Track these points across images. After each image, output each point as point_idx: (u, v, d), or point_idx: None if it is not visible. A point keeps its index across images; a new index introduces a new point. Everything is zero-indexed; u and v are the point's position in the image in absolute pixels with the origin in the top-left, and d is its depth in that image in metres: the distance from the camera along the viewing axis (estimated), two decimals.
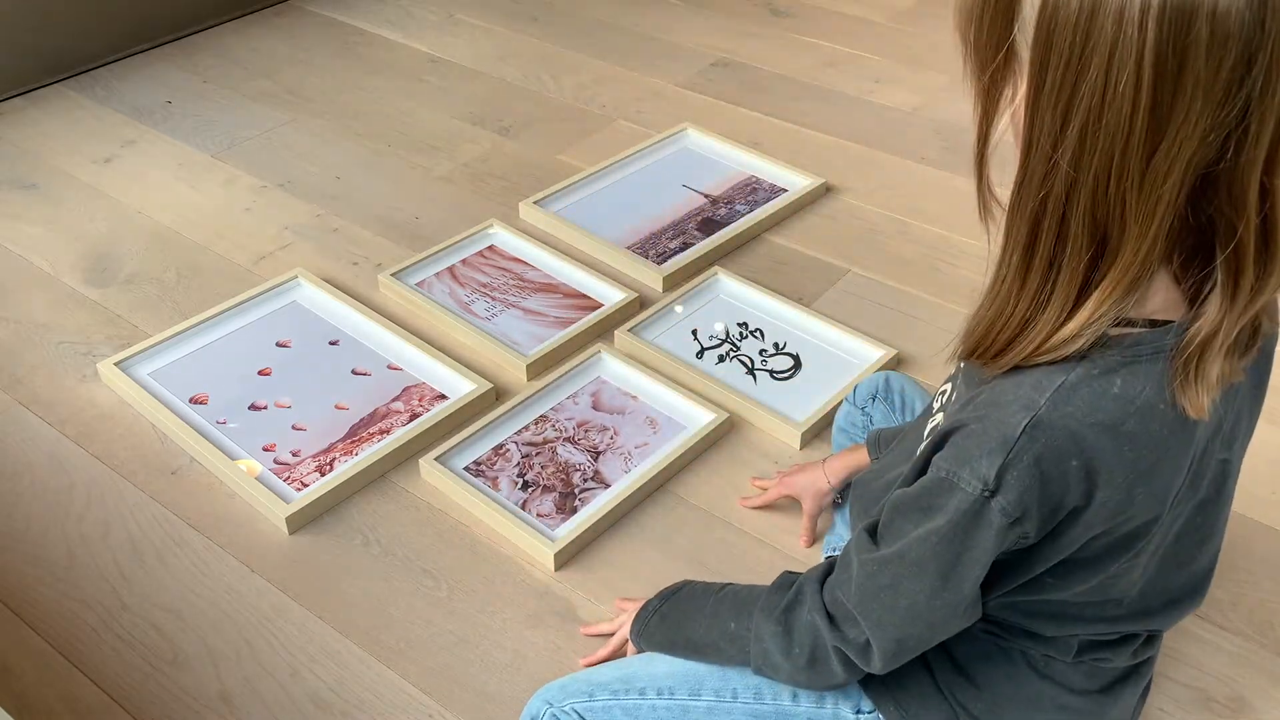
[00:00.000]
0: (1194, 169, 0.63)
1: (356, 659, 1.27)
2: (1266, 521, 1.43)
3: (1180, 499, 0.79)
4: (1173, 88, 0.61)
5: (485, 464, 1.49)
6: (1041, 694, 0.94)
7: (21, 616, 1.32)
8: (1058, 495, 0.72)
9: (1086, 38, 0.62)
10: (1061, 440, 0.71)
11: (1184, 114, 0.61)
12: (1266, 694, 1.24)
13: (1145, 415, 0.71)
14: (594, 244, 1.88)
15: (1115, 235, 0.67)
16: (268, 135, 2.22)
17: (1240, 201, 0.65)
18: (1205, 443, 0.78)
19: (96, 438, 1.54)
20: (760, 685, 0.99)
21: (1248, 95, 0.61)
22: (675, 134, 2.16)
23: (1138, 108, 0.62)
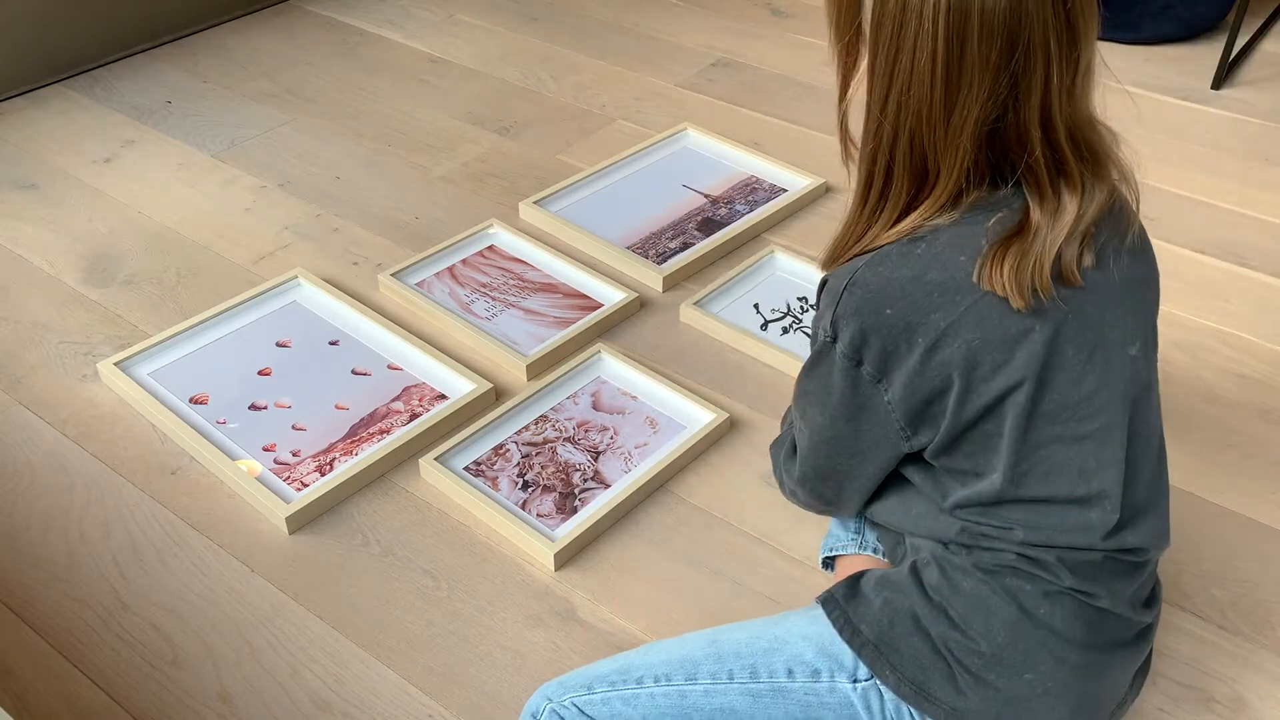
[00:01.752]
0: (982, 124, 0.85)
1: (356, 659, 1.27)
2: (1266, 521, 1.43)
3: (1060, 375, 0.90)
4: (958, 67, 0.83)
5: (485, 464, 1.49)
6: (1039, 645, 0.95)
7: (21, 616, 1.32)
8: (885, 340, 0.91)
9: (900, 28, 0.84)
10: (874, 291, 0.90)
11: (968, 86, 0.83)
12: (1266, 694, 1.24)
13: (947, 265, 0.88)
14: (594, 244, 1.87)
15: (930, 174, 0.88)
16: (268, 135, 2.22)
17: (1023, 144, 0.86)
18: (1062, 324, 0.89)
19: (96, 438, 1.55)
20: (755, 665, 1.00)
21: (1015, 71, 0.83)
22: (675, 134, 2.16)
23: (935, 81, 0.84)
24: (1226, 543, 1.40)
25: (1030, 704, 0.96)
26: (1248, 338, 1.72)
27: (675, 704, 1.01)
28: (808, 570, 1.35)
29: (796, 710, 1.00)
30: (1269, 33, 2.63)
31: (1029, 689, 0.95)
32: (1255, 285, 1.83)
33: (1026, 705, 0.96)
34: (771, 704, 1.00)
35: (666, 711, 1.01)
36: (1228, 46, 2.36)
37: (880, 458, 1.00)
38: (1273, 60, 2.52)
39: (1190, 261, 1.88)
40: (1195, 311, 1.77)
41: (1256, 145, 2.19)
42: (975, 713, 0.96)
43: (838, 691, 0.99)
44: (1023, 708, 0.96)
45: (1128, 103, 2.34)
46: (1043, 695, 0.96)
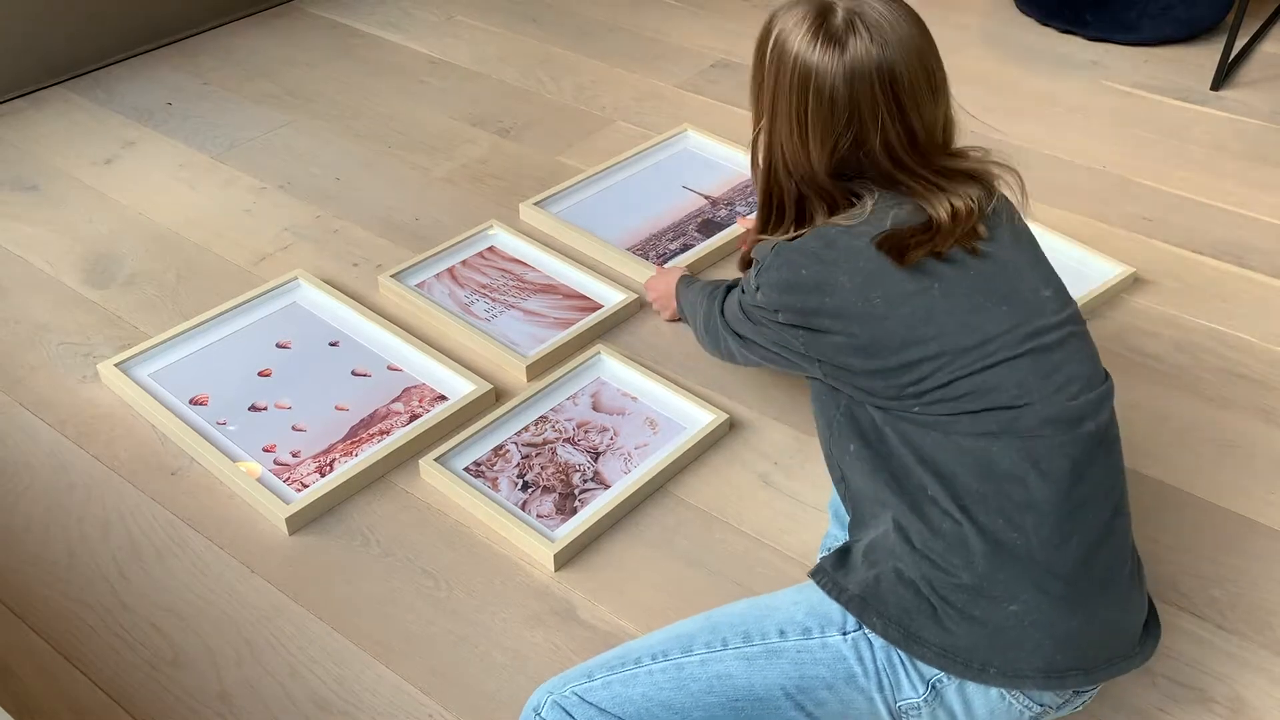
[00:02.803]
0: (841, 166, 1.09)
1: (356, 659, 1.27)
2: (1266, 521, 1.43)
3: (977, 316, 1.03)
4: (806, 124, 1.08)
5: (485, 465, 1.49)
6: (1021, 574, 0.99)
7: (21, 616, 1.32)
8: (801, 295, 1.08)
9: (774, 99, 1.11)
10: (795, 254, 1.09)
11: (816, 138, 1.08)
12: (1266, 694, 1.24)
13: (854, 238, 1.06)
14: (594, 245, 1.87)
15: (807, 204, 1.13)
16: (268, 136, 2.22)
17: (884, 177, 1.09)
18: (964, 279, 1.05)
19: (97, 438, 1.55)
20: (748, 630, 1.05)
21: (856, 125, 1.07)
22: (675, 135, 2.15)
23: (791, 134, 1.10)
24: (1227, 543, 1.40)
25: (1016, 636, 0.99)
26: (1248, 338, 1.72)
27: (673, 677, 1.03)
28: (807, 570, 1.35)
29: (790, 668, 1.03)
30: (1268, 34, 2.63)
31: (1015, 620, 0.99)
32: (1255, 285, 1.83)
33: (1013, 638, 0.99)
34: (766, 665, 1.03)
35: (665, 685, 1.03)
36: (1227, 47, 2.36)
37: (787, 368, 1.21)
38: (1272, 61, 2.52)
39: (1190, 261, 1.88)
40: (1195, 312, 1.77)
41: (1256, 146, 2.19)
42: (963, 649, 0.99)
43: (829, 646, 1.03)
44: (1009, 640, 0.99)
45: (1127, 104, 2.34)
46: (1028, 628, 0.99)
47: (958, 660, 0.99)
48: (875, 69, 1.04)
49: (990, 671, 0.99)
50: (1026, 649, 0.99)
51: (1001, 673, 0.99)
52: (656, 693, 1.03)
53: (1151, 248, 1.91)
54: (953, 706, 1.02)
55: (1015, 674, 0.99)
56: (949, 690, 1.01)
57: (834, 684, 1.02)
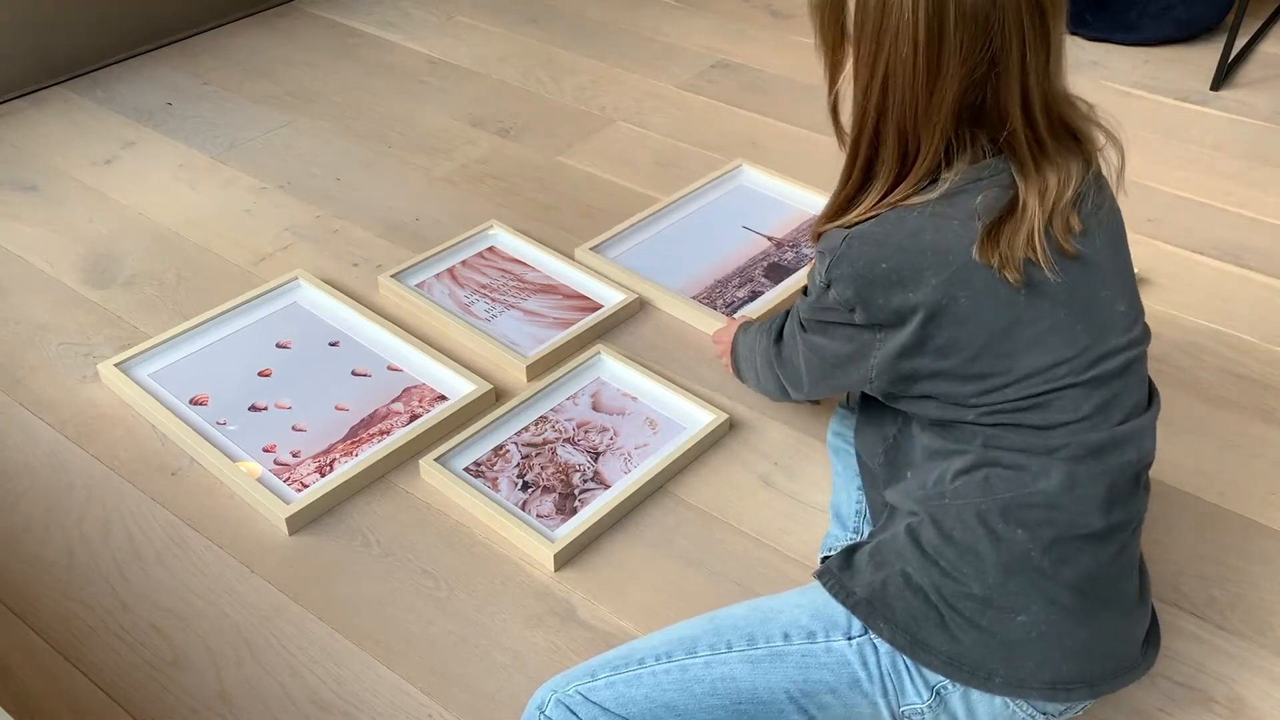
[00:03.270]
0: (960, 105, 0.93)
1: (356, 659, 1.27)
2: (1266, 521, 1.43)
3: (1053, 336, 0.97)
4: (937, 52, 0.91)
5: (485, 465, 1.49)
6: (1029, 585, 0.98)
7: (21, 617, 1.32)
8: (878, 290, 0.98)
9: (881, 20, 0.92)
10: (871, 246, 0.98)
11: (946, 69, 0.91)
12: (1266, 694, 1.24)
13: (941, 229, 0.95)
14: (657, 294, 1.76)
15: (911, 153, 0.96)
16: (268, 136, 2.22)
17: (1002, 123, 0.94)
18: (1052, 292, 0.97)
19: (97, 438, 1.55)
20: (753, 633, 1.04)
21: (993, 55, 0.90)
22: (730, 171, 2.05)
23: (916, 67, 0.92)
24: (1227, 544, 1.40)
25: (1025, 648, 0.98)
26: (1248, 338, 1.72)
27: (677, 679, 1.03)
28: (807, 570, 1.35)
29: (794, 672, 1.02)
30: (1268, 34, 2.63)
31: (1023, 631, 0.98)
32: (1255, 286, 1.83)
33: (1022, 649, 0.98)
34: (770, 668, 1.02)
35: (669, 687, 1.03)
36: (1227, 47, 2.36)
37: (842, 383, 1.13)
38: (1272, 61, 2.52)
39: (1190, 262, 1.88)
40: (1195, 312, 1.77)
41: (1256, 146, 2.19)
42: (971, 659, 0.98)
43: (834, 651, 1.02)
44: (1018, 652, 0.98)
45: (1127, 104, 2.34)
46: (1037, 639, 0.98)
47: (964, 669, 0.98)
48: None
49: (996, 681, 0.98)
50: (1034, 660, 0.98)
51: (1007, 682, 0.98)
52: (660, 694, 1.03)
53: (1151, 248, 1.91)
54: (956, 712, 1.01)
55: (1021, 684, 0.99)
56: (953, 697, 1.00)
57: (838, 688, 1.02)
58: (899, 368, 1.02)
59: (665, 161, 2.15)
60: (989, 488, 0.99)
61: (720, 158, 2.16)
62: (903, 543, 1.03)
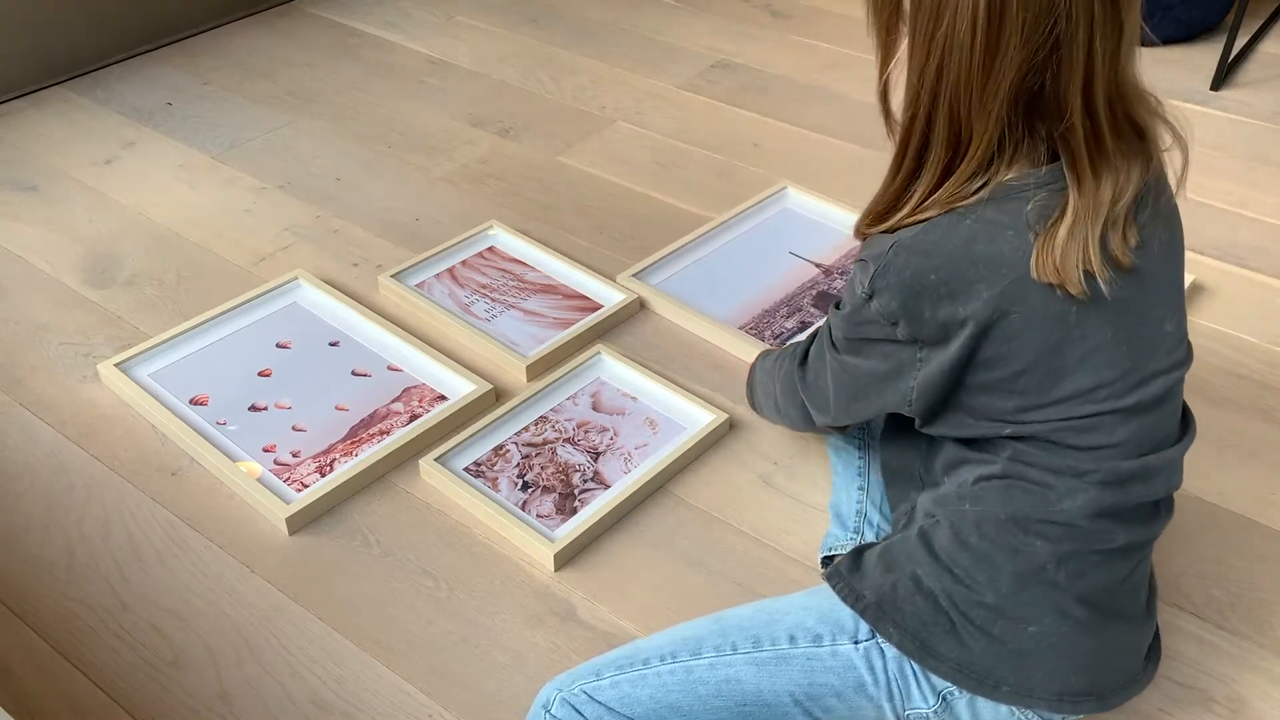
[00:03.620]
0: (1018, 91, 0.85)
1: (356, 659, 1.27)
2: (1266, 521, 1.43)
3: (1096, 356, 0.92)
4: (997, 31, 0.83)
5: (485, 465, 1.49)
6: (1043, 598, 0.97)
7: (21, 617, 1.32)
8: (925, 302, 0.92)
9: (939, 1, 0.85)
10: (919, 255, 0.91)
11: (1006, 50, 0.83)
12: (1266, 694, 1.24)
13: (994, 238, 0.89)
14: (702, 324, 1.70)
15: (964, 141, 0.89)
16: (268, 137, 2.22)
17: (1060, 114, 0.86)
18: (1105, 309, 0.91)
19: (97, 438, 1.55)
20: (758, 635, 1.03)
21: (1057, 36, 0.82)
22: (774, 194, 1.97)
23: (974, 47, 0.84)
24: (1227, 543, 1.40)
25: (1035, 658, 0.97)
26: (1248, 338, 1.72)
27: (681, 680, 1.02)
28: (808, 570, 1.35)
29: (800, 675, 1.01)
30: (1268, 34, 2.63)
31: (1034, 642, 0.97)
32: (1255, 285, 1.83)
33: (1031, 659, 0.97)
34: (775, 671, 1.01)
35: (673, 688, 1.02)
36: (1227, 47, 2.36)
37: (877, 405, 1.06)
38: (1272, 61, 2.52)
39: (1190, 262, 1.88)
40: (1195, 312, 1.77)
41: (1256, 146, 2.19)
42: (980, 666, 0.97)
43: (840, 654, 1.01)
44: (1027, 662, 0.97)
45: None
46: (1047, 650, 0.97)
47: (972, 676, 0.98)
48: None
49: (1003, 690, 0.98)
50: (1043, 670, 0.98)
51: (1015, 691, 0.98)
52: (664, 695, 1.02)
53: None
54: (961, 718, 1.01)
55: (1028, 694, 0.98)
56: (959, 703, 1.00)
57: (843, 692, 1.01)
58: (942, 387, 0.97)
59: (665, 161, 2.15)
60: (1011, 500, 0.97)
61: (720, 158, 2.16)
62: (914, 546, 1.01)
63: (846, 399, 1.09)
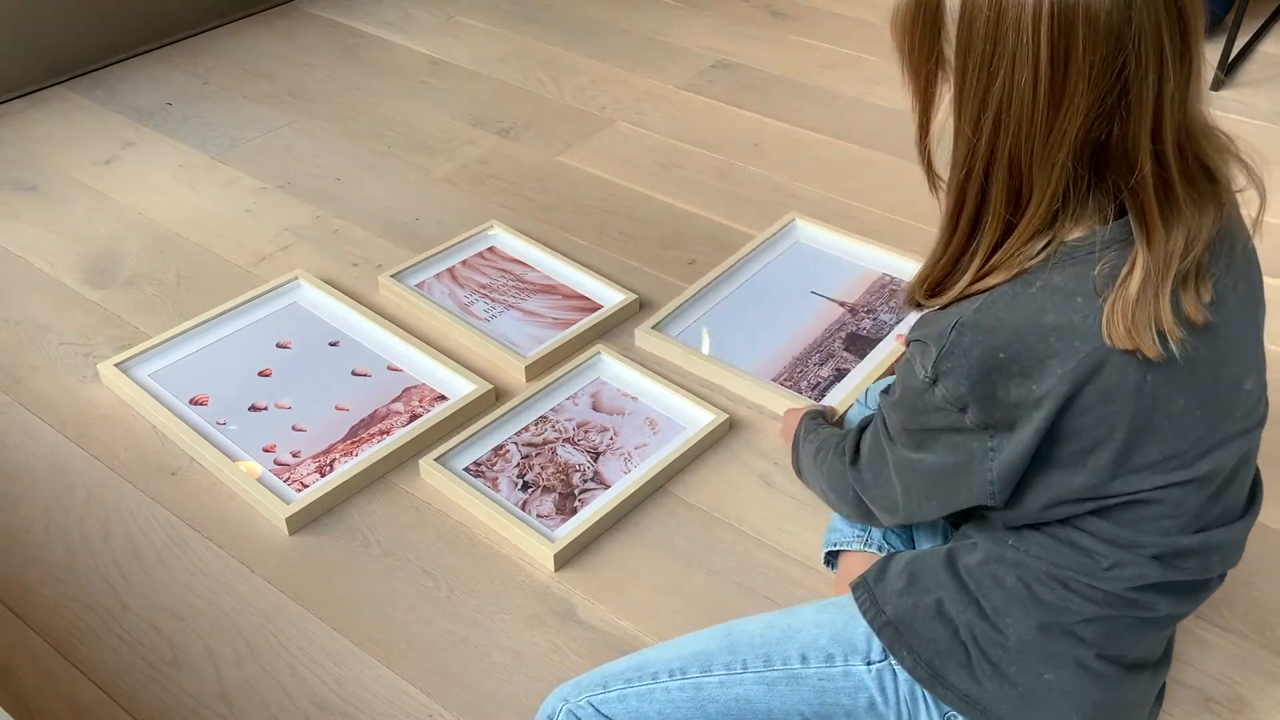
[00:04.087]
0: (1083, 141, 0.79)
1: (356, 659, 1.27)
2: (1266, 521, 1.43)
3: (1167, 424, 0.85)
4: (1062, 78, 0.76)
5: (485, 465, 1.49)
6: (1064, 651, 0.94)
7: (21, 617, 1.32)
8: (997, 384, 0.84)
9: (994, 45, 0.77)
10: (986, 333, 0.84)
11: (1071, 98, 0.77)
12: (1266, 694, 1.24)
13: (1063, 308, 0.82)
14: (732, 378, 1.61)
15: (1024, 197, 0.82)
16: (268, 137, 2.22)
17: (1128, 163, 0.79)
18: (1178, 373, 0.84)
19: (97, 438, 1.55)
20: (769, 654, 1.01)
21: (1125, 80, 0.76)
22: (784, 228, 1.89)
23: (1037, 97, 0.77)
24: None
25: (1044, 705, 0.95)
26: None
27: (690, 697, 1.01)
28: (808, 570, 1.35)
29: (811, 696, 1.00)
30: (1268, 33, 2.63)
31: (1046, 690, 0.95)
32: None
33: (1039, 703, 0.95)
34: (786, 691, 1.00)
35: (682, 705, 1.01)
36: (1227, 47, 2.36)
37: (948, 502, 0.96)
38: (1272, 61, 2.52)
39: None
40: None
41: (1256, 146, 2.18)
42: (985, 702, 0.96)
43: (852, 675, 0.99)
44: (1035, 705, 0.96)
45: None
46: (1059, 698, 0.95)
47: (977, 709, 0.96)
48: None
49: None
50: (1049, 716, 0.96)
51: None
52: (673, 711, 1.01)
53: None
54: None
55: None
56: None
57: (854, 712, 1.00)
58: (1021, 470, 0.88)
59: (665, 161, 2.15)
60: (1057, 554, 0.92)
61: (720, 158, 2.16)
62: (940, 566, 0.98)
63: (919, 497, 0.98)
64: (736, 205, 2.02)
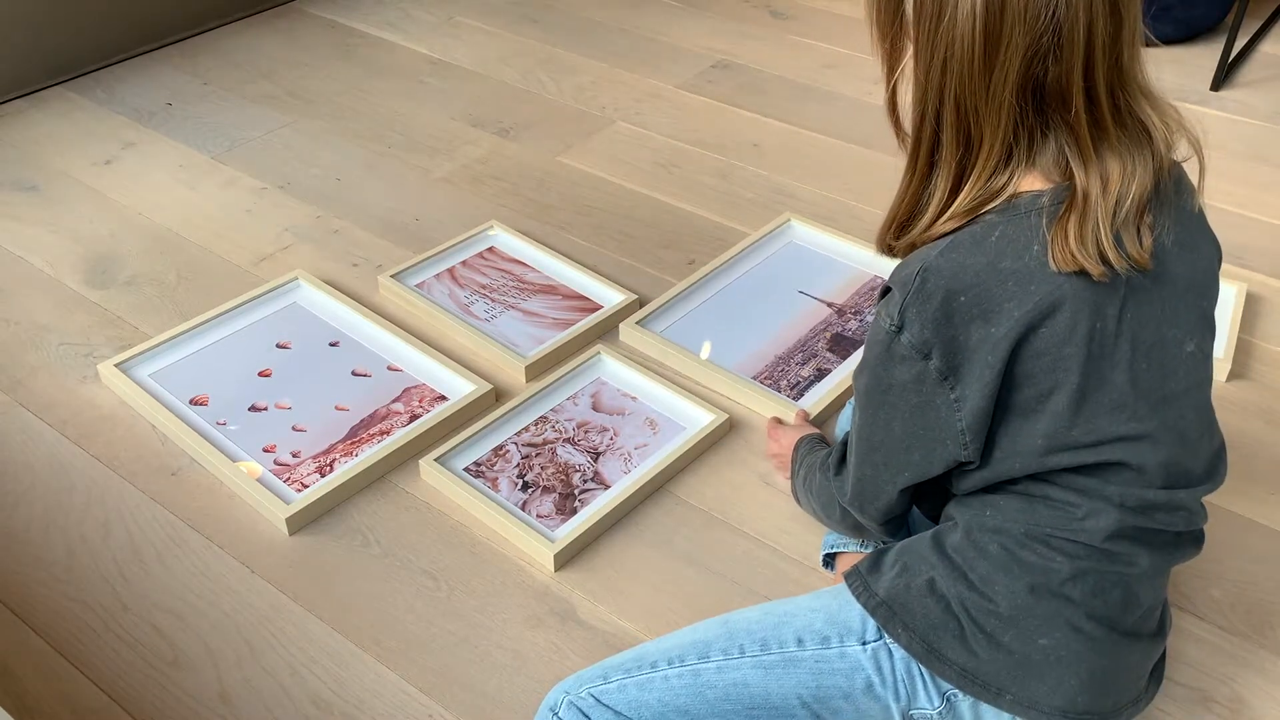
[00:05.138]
0: (1023, 78, 0.85)
1: (356, 659, 1.27)
2: (1266, 521, 1.43)
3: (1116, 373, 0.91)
4: (998, 24, 0.84)
5: (485, 465, 1.49)
6: (1056, 613, 0.96)
7: (22, 617, 1.32)
8: (956, 330, 0.90)
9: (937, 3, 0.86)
10: (948, 277, 0.89)
11: (1008, 40, 0.84)
12: (1266, 694, 1.24)
13: (1020, 254, 0.88)
14: (713, 375, 1.61)
15: (975, 137, 0.89)
16: (268, 137, 2.22)
17: (1064, 100, 0.86)
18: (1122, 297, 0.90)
19: (97, 439, 1.55)
20: (766, 638, 1.03)
21: (1056, 23, 0.83)
22: (779, 228, 1.89)
23: (975, 40, 0.85)
24: (1226, 543, 1.40)
25: (1041, 671, 0.97)
26: (1247, 338, 1.72)
27: (689, 683, 1.02)
28: (807, 570, 1.35)
29: (808, 678, 1.01)
30: (1268, 34, 2.63)
31: (1042, 654, 0.96)
32: (1255, 285, 1.83)
33: (1037, 672, 0.97)
34: (783, 674, 1.01)
35: (681, 692, 1.02)
36: (1227, 48, 2.36)
37: (922, 467, 0.99)
38: (1272, 62, 2.52)
39: None
40: None
41: (1256, 146, 2.19)
42: (983, 674, 0.97)
43: (848, 656, 1.01)
44: (1033, 674, 0.97)
45: None
46: (1054, 663, 0.97)
47: (976, 683, 0.97)
48: None
49: (1006, 698, 0.97)
50: (1048, 684, 0.97)
51: (1018, 701, 0.97)
52: (673, 698, 1.02)
53: None
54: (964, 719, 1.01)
55: (1031, 705, 0.97)
56: (962, 705, 1.00)
57: (851, 693, 1.01)
58: (988, 415, 0.93)
59: (665, 161, 2.15)
60: (1033, 513, 0.96)
61: (720, 158, 2.16)
62: (926, 549, 1.01)
63: (893, 473, 1.01)
64: (736, 205, 2.02)
